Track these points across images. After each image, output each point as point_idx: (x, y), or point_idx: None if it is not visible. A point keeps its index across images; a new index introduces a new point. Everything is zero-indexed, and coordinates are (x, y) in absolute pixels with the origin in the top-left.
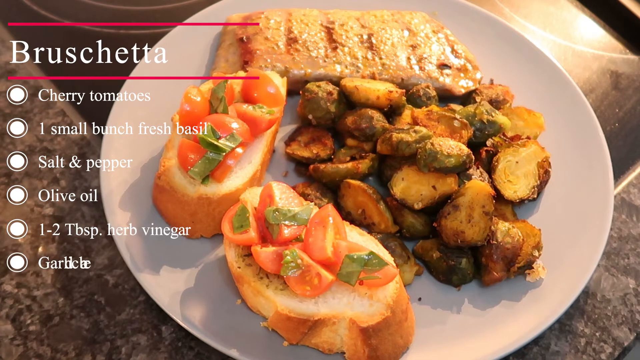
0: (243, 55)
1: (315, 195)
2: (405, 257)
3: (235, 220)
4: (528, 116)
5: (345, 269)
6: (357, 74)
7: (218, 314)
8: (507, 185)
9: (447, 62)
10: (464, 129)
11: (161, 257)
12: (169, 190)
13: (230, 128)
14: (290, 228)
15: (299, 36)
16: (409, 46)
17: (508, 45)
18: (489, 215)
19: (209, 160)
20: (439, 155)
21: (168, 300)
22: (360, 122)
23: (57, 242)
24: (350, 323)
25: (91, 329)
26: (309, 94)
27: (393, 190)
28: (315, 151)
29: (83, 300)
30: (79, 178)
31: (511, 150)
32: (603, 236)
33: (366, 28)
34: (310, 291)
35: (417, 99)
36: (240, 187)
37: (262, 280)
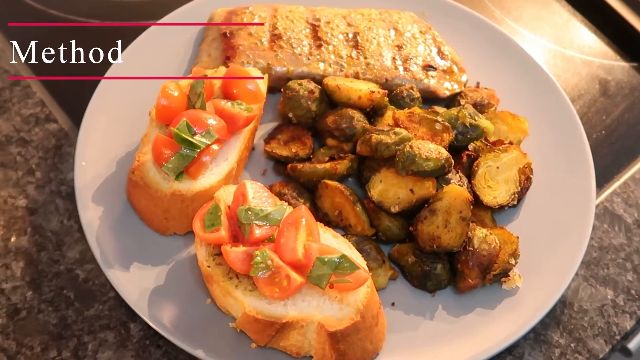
0: (225, 51)
1: (291, 195)
2: (380, 261)
3: (206, 218)
4: (512, 121)
5: (316, 271)
6: (341, 72)
7: (187, 313)
8: (486, 190)
9: (432, 63)
10: (445, 132)
11: (132, 253)
12: (142, 186)
13: (207, 124)
14: (262, 228)
15: (283, 33)
16: (395, 46)
17: (496, 49)
18: (466, 221)
19: (183, 156)
20: (417, 159)
21: (136, 297)
22: (340, 122)
23: (29, 234)
24: (319, 327)
25: (58, 324)
26: (290, 91)
27: (370, 192)
28: (294, 150)
29: (52, 294)
30: (54, 170)
31: (492, 155)
32: (582, 245)
33: (352, 26)
34: (279, 293)
35: (400, 100)
36: (215, 184)
37: (231, 280)
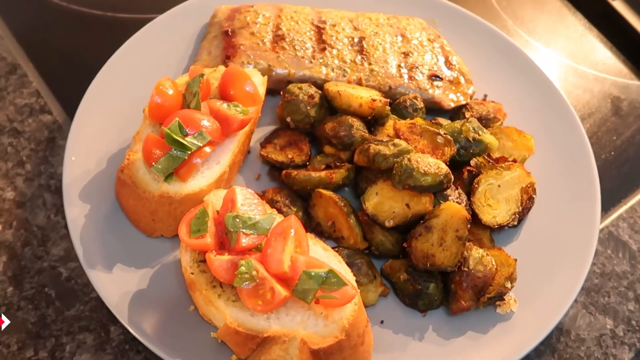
0: (226, 49)
1: (284, 202)
2: (370, 277)
3: (193, 223)
4: (518, 137)
5: (302, 285)
6: (344, 78)
7: (168, 319)
8: (486, 209)
9: (438, 73)
10: (447, 146)
11: (116, 254)
12: (130, 185)
13: (200, 125)
14: (249, 237)
15: (287, 34)
16: (401, 53)
17: (506, 61)
18: (462, 240)
19: (173, 157)
20: (414, 173)
21: (117, 300)
22: (339, 130)
23: (15, 228)
24: (301, 343)
25: (37, 323)
26: (289, 95)
27: (365, 204)
28: (290, 156)
29: (33, 291)
30: (45, 163)
31: (494, 173)
32: (583, 271)
33: (358, 31)
34: (262, 306)
35: (403, 110)
36: (205, 188)
37: (214, 289)
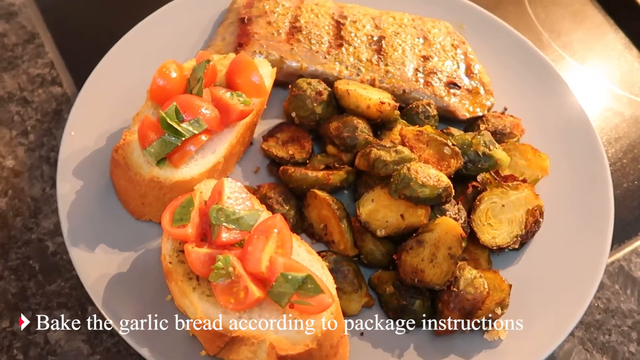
0: (239, 37)
1: (277, 199)
2: (356, 285)
3: (177, 211)
4: (533, 156)
5: (278, 288)
6: (357, 77)
7: (143, 306)
8: (485, 228)
9: (457, 81)
10: (453, 158)
11: (102, 234)
12: (122, 166)
13: (198, 112)
14: (231, 232)
15: (304, 26)
16: (421, 57)
17: (533, 75)
18: (454, 259)
19: (166, 142)
20: (412, 183)
21: (94, 280)
22: (342, 130)
23: (9, 197)
24: (270, 348)
25: (17, 294)
26: (297, 90)
27: (359, 210)
28: (290, 152)
29: (18, 262)
30: (48, 135)
31: (499, 191)
32: (583, 304)
33: (379, 29)
34: (233, 304)
35: (414, 116)
36: (197, 176)
37: (190, 281)
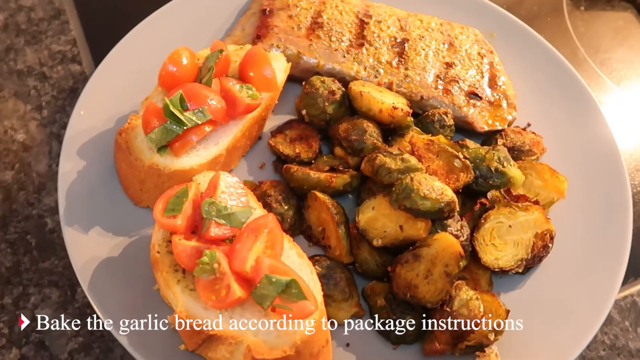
0: (258, 29)
1: (276, 198)
2: (346, 294)
3: (171, 201)
4: (550, 177)
5: (261, 289)
6: (375, 79)
7: (129, 293)
8: (489, 249)
9: (479, 91)
10: (463, 172)
11: (98, 216)
12: (124, 150)
13: (204, 102)
14: (221, 227)
15: (326, 22)
16: (444, 63)
17: (562, 92)
18: (450, 277)
19: (167, 130)
20: (413, 194)
21: (83, 262)
22: (351, 132)
23: (16, 170)
24: (247, 350)
25: (11, 268)
26: (310, 87)
27: (358, 217)
28: (297, 150)
29: (16, 236)
30: (61, 112)
31: (507, 211)
32: (585, 338)
33: (404, 31)
34: (214, 302)
35: (429, 124)
36: (196, 167)
37: (175, 273)
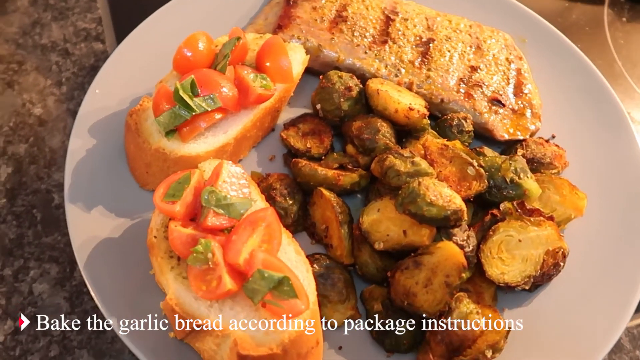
0: (281, 19)
1: (281, 192)
2: (343, 296)
3: (172, 186)
4: (569, 193)
5: (253, 284)
6: (395, 78)
7: (124, 275)
8: (495, 262)
9: (502, 98)
10: (476, 180)
11: (103, 196)
12: (133, 132)
13: (216, 89)
14: (219, 217)
15: (350, 16)
16: (469, 66)
17: (593, 105)
18: (450, 288)
19: (175, 114)
20: (419, 199)
21: (82, 240)
22: (364, 131)
23: (29, 144)
24: (233, 344)
25: (14, 240)
26: (326, 81)
27: (362, 218)
28: (308, 145)
29: (22, 209)
30: (80, 89)
31: (518, 224)
32: None
33: (431, 31)
34: (204, 292)
35: (447, 128)
36: (203, 154)
37: (170, 259)
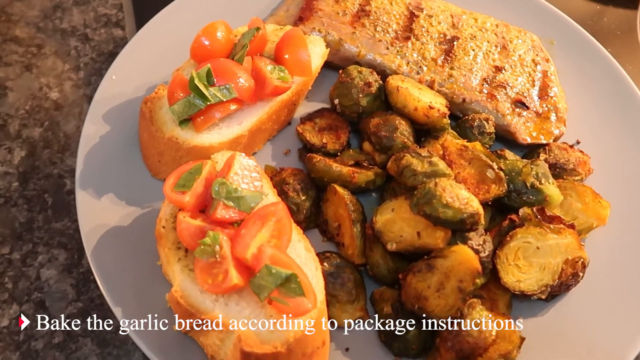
0: (302, 10)
1: (294, 187)
2: (353, 296)
3: (183, 177)
4: (591, 201)
5: (260, 279)
6: (416, 75)
7: (131, 265)
8: (511, 269)
9: (527, 101)
10: (495, 184)
11: (114, 183)
12: (147, 119)
13: (232, 80)
14: (228, 210)
15: (374, 11)
16: (493, 66)
17: (621, 111)
18: (463, 294)
19: (189, 103)
20: (434, 201)
21: (91, 227)
22: (381, 128)
23: (44, 128)
24: (237, 340)
25: (24, 224)
26: (345, 76)
27: (375, 217)
28: (324, 140)
29: (34, 193)
30: (97, 75)
31: (537, 231)
32: None
33: (456, 29)
34: (209, 286)
35: (467, 129)
36: (216, 145)
37: (177, 251)
